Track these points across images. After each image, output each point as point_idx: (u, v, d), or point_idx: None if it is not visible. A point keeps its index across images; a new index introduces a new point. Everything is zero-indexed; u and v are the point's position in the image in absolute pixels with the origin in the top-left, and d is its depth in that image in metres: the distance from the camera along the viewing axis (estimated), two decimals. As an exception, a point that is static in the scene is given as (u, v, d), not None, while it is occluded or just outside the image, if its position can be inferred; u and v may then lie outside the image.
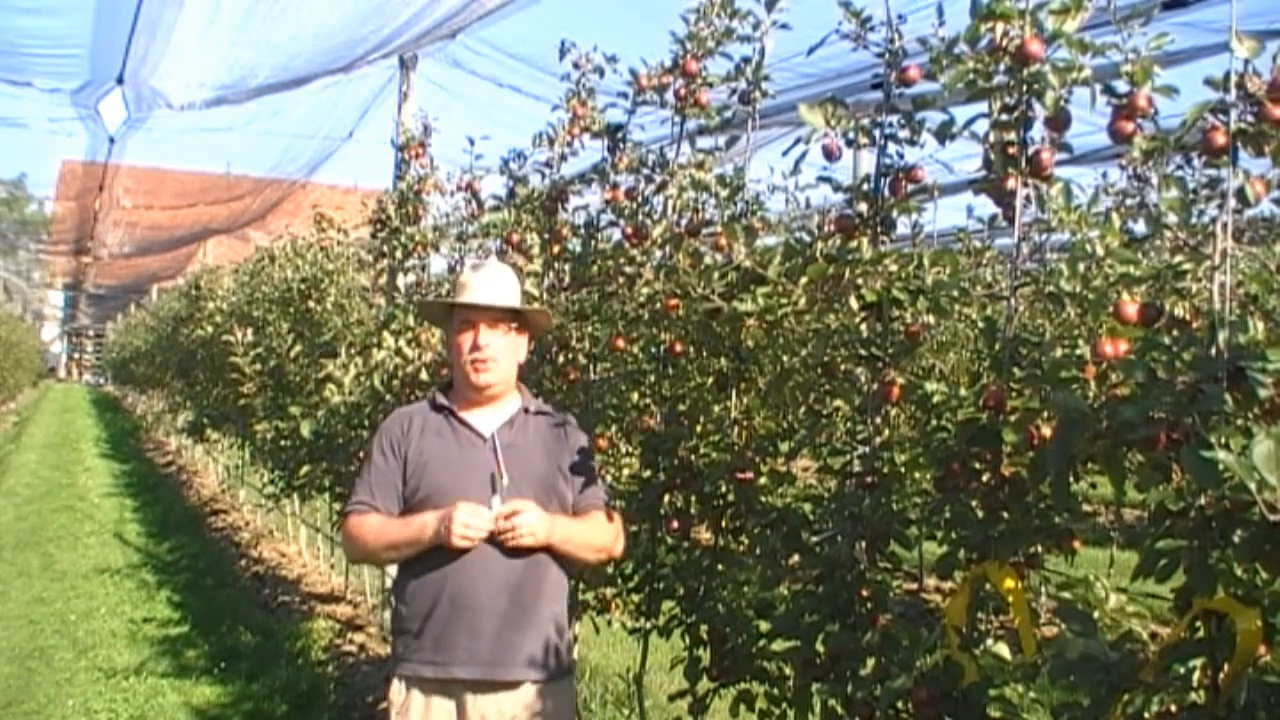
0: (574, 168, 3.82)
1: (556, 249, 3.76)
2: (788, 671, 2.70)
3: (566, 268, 3.70)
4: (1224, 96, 1.65)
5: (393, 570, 5.96)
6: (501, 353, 2.64)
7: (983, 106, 2.10)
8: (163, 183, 17.73)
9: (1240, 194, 1.65)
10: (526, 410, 2.71)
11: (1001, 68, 2.03)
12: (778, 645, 2.71)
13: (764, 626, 2.80)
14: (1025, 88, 2.01)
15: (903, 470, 2.36)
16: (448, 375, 4.33)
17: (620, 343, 3.24)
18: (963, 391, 2.15)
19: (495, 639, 2.51)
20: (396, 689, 2.59)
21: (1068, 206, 1.91)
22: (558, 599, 2.62)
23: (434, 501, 2.56)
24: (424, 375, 4.44)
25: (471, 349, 2.62)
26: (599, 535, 2.66)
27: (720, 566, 2.93)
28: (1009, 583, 1.94)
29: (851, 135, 2.38)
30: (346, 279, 6.69)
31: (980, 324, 3.78)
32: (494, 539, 2.49)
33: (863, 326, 2.42)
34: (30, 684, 5.33)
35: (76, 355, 50.89)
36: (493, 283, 2.68)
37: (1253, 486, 1.39)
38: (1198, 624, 1.60)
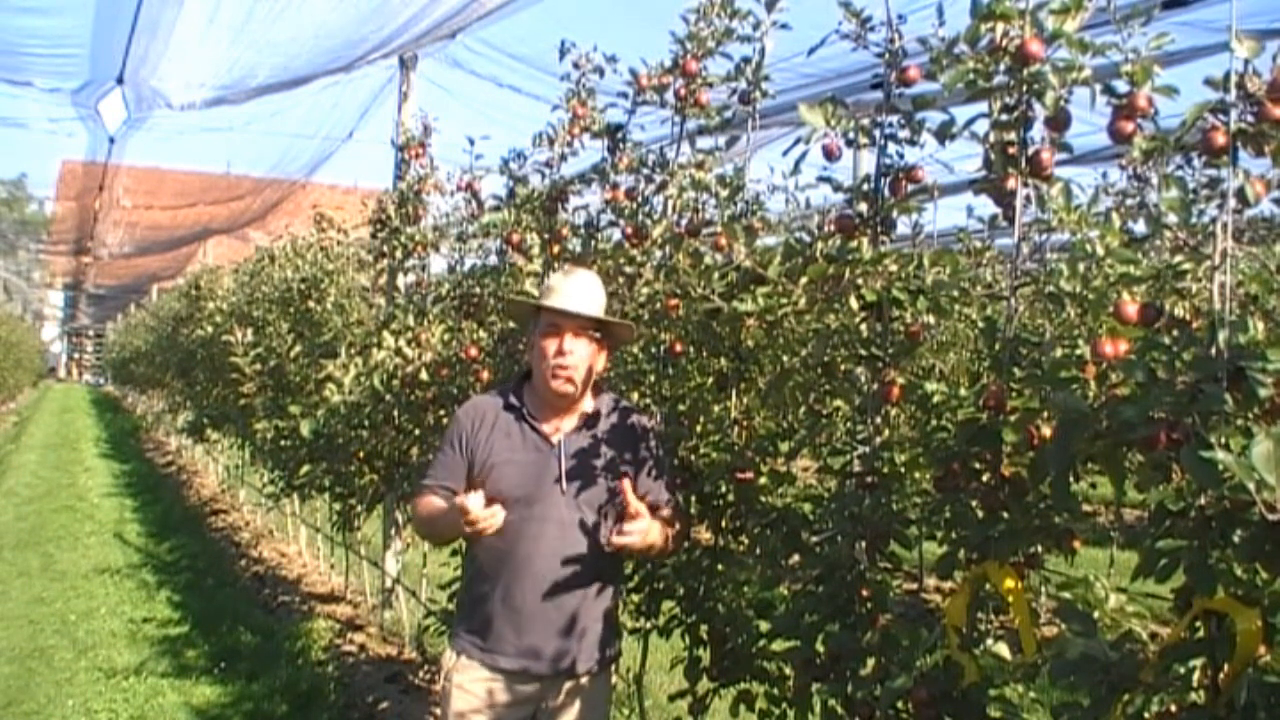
0: (574, 168, 3.82)
1: (556, 249, 3.76)
2: (788, 671, 2.71)
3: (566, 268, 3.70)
4: (1224, 96, 1.64)
5: (392, 570, 6.01)
6: (582, 361, 2.67)
7: (983, 106, 2.10)
8: (163, 183, 17.77)
9: (1240, 194, 1.65)
10: (599, 412, 2.73)
11: (1001, 68, 2.03)
12: (778, 645, 2.72)
13: (764, 626, 2.80)
14: (1025, 88, 2.01)
15: (903, 470, 2.36)
16: (449, 375, 4.36)
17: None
18: (963, 391, 2.15)
19: (540, 640, 2.60)
20: (449, 656, 2.73)
21: (1068, 206, 1.91)
22: (605, 596, 2.68)
23: (500, 502, 2.63)
24: (424, 375, 4.44)
25: (555, 354, 2.65)
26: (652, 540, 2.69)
27: (720, 566, 2.92)
28: (1009, 583, 1.94)
29: (851, 135, 2.38)
30: (346, 279, 6.70)
31: (980, 324, 3.77)
32: (551, 543, 2.58)
33: (863, 326, 2.42)
34: (30, 684, 5.33)
35: (76, 355, 50.85)
36: (582, 291, 2.71)
37: (1252, 486, 1.39)
38: (1198, 624, 1.60)
